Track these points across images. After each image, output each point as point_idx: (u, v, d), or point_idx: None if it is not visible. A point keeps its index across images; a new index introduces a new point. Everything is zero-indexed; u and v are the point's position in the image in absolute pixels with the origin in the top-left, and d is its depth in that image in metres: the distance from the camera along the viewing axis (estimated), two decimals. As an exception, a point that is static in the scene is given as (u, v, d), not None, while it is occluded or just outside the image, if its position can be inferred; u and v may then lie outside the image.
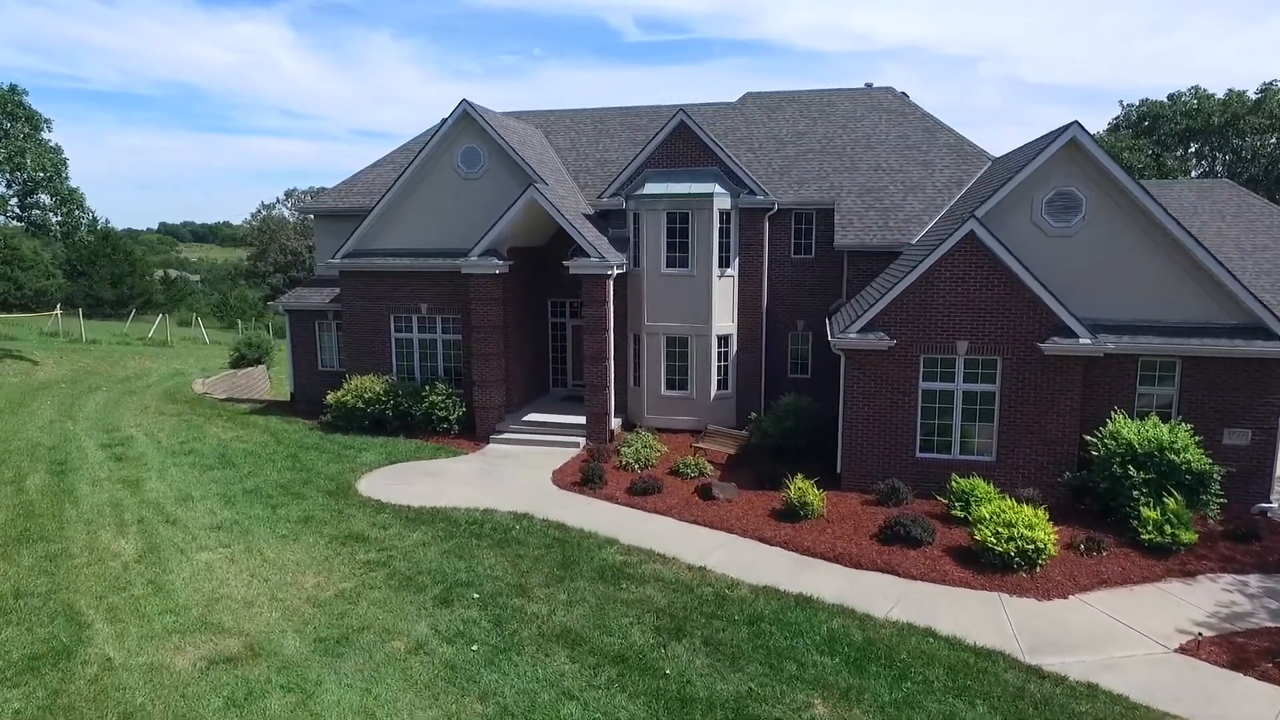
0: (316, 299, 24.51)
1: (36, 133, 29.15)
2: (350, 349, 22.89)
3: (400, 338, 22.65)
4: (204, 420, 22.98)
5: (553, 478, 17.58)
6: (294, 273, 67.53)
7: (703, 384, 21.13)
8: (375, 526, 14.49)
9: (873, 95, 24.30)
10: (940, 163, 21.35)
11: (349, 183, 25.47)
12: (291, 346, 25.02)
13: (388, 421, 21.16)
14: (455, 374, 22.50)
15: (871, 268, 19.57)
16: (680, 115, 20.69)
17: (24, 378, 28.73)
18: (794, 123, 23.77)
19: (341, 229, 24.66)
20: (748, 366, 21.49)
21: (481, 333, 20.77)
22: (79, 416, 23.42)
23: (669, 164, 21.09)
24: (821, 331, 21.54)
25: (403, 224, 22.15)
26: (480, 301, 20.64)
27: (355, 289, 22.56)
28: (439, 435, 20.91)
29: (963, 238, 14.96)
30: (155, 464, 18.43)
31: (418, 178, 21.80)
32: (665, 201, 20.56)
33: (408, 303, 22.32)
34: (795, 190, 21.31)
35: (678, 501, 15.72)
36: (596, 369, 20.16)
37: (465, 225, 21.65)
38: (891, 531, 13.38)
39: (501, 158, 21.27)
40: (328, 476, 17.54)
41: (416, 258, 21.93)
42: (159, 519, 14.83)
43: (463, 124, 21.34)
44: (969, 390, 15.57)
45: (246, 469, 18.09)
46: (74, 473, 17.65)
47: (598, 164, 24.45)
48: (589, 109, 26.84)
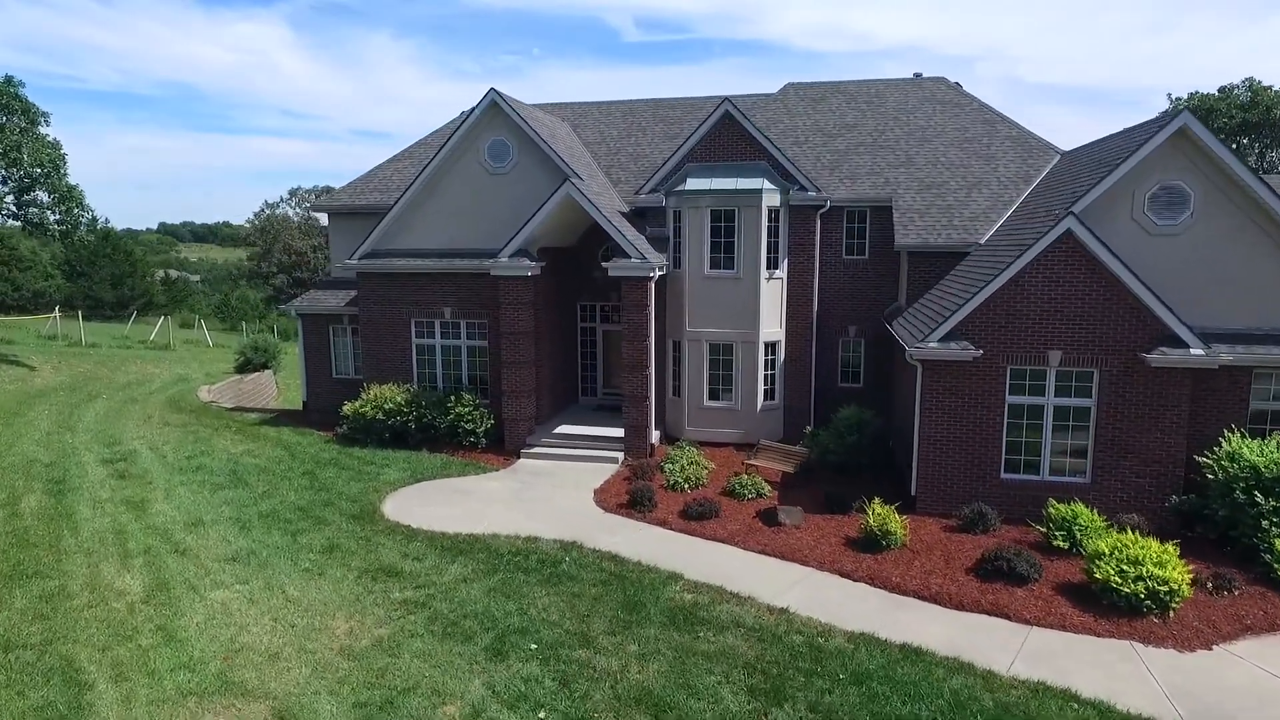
0: (331, 302, 23.04)
1: (34, 126, 27.67)
2: (368, 356, 21.42)
3: (422, 344, 21.20)
4: (211, 432, 21.51)
5: (595, 498, 16.12)
6: (298, 273, 66.08)
7: (748, 394, 19.67)
8: (408, 558, 13.02)
9: (924, 86, 22.85)
10: (1003, 156, 19.90)
11: (365, 179, 24.01)
12: (304, 353, 23.55)
13: (410, 434, 19.70)
14: (481, 383, 21.04)
15: (934, 269, 18.11)
16: (725, 106, 19.24)
17: (20, 385, 27.24)
18: (841, 115, 22.32)
19: (357, 228, 23.22)
20: (796, 376, 20.04)
21: (512, 339, 19.31)
22: (78, 428, 21.94)
23: (712, 158, 19.63)
24: (875, 338, 20.11)
25: (425, 222, 20.70)
26: (510, 306, 19.18)
27: (374, 292, 21.11)
28: (465, 449, 19.45)
29: (1059, 237, 13.51)
30: (161, 482, 16.96)
31: (441, 173, 20.34)
32: (709, 198, 19.10)
33: (430, 306, 20.86)
34: (848, 186, 19.86)
35: (739, 527, 14.26)
36: (636, 378, 18.70)
37: (492, 223, 20.20)
38: (992, 566, 11.92)
39: (532, 151, 19.81)
40: (349, 497, 16.08)
41: (440, 258, 20.47)
42: (167, 548, 13.35)
43: (490, 115, 19.88)
44: (1061, 405, 14.12)
45: (260, 488, 16.62)
46: (73, 493, 16.18)
47: (631, 158, 23.00)
48: (619, 101, 25.41)
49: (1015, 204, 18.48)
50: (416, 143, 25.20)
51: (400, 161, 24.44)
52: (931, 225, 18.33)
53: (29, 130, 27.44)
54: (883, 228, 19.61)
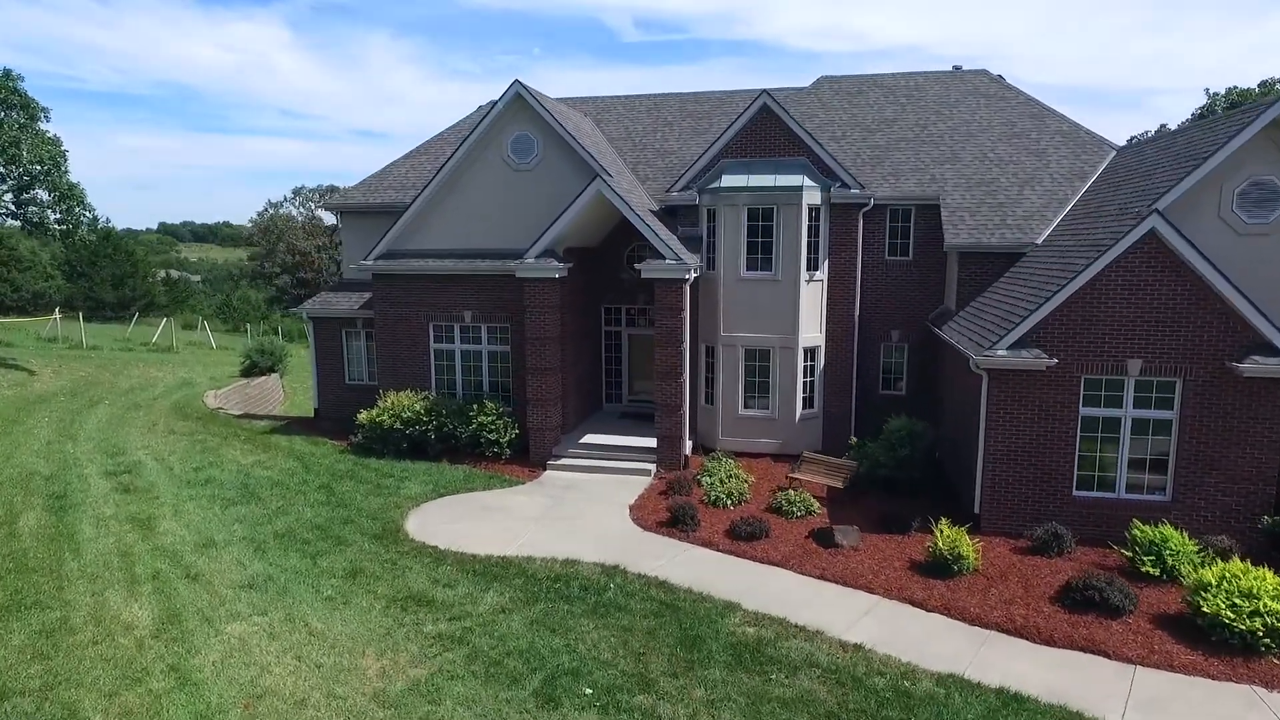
0: (344, 305, 22.04)
1: (33, 122, 26.66)
2: (384, 361, 20.42)
3: (440, 349, 20.19)
4: (219, 441, 20.49)
5: (632, 515, 15.11)
6: (302, 274, 65.07)
7: (786, 402, 18.66)
8: (439, 584, 12.01)
9: (965, 79, 21.84)
10: (1055, 152, 18.89)
11: (379, 176, 23.01)
12: (316, 358, 22.55)
13: (429, 445, 18.70)
14: (503, 390, 20.04)
15: (987, 271, 17.11)
16: (763, 98, 18.23)
17: (19, 390, 26.23)
18: (879, 109, 21.31)
19: (371, 228, 22.21)
20: (836, 383, 19.03)
21: (537, 344, 18.30)
22: (80, 436, 20.93)
23: (749, 153, 18.63)
24: (919, 343, 19.11)
25: (444, 221, 19.69)
26: (536, 309, 18.17)
27: (390, 294, 20.10)
28: (488, 460, 18.44)
29: (1141, 237, 12.51)
30: (168, 497, 15.95)
31: (461, 169, 19.34)
32: (747, 195, 18.10)
33: (450, 310, 19.86)
34: (891, 183, 18.85)
35: (792, 549, 13.25)
36: (670, 386, 17.70)
37: (515, 222, 19.20)
38: (1081, 596, 10.91)
39: (558, 146, 18.80)
40: (369, 514, 15.07)
41: (460, 259, 19.46)
42: (178, 573, 12.35)
43: (514, 108, 18.87)
44: (1140, 417, 13.11)
45: (275, 504, 15.62)
46: (75, 509, 15.17)
47: (657, 154, 21.99)
48: (644, 95, 24.40)
49: (1071, 202, 17.47)
50: (432, 138, 24.19)
51: (416, 158, 23.44)
52: (983, 224, 17.32)
53: (28, 126, 26.42)
54: (928, 227, 18.61)
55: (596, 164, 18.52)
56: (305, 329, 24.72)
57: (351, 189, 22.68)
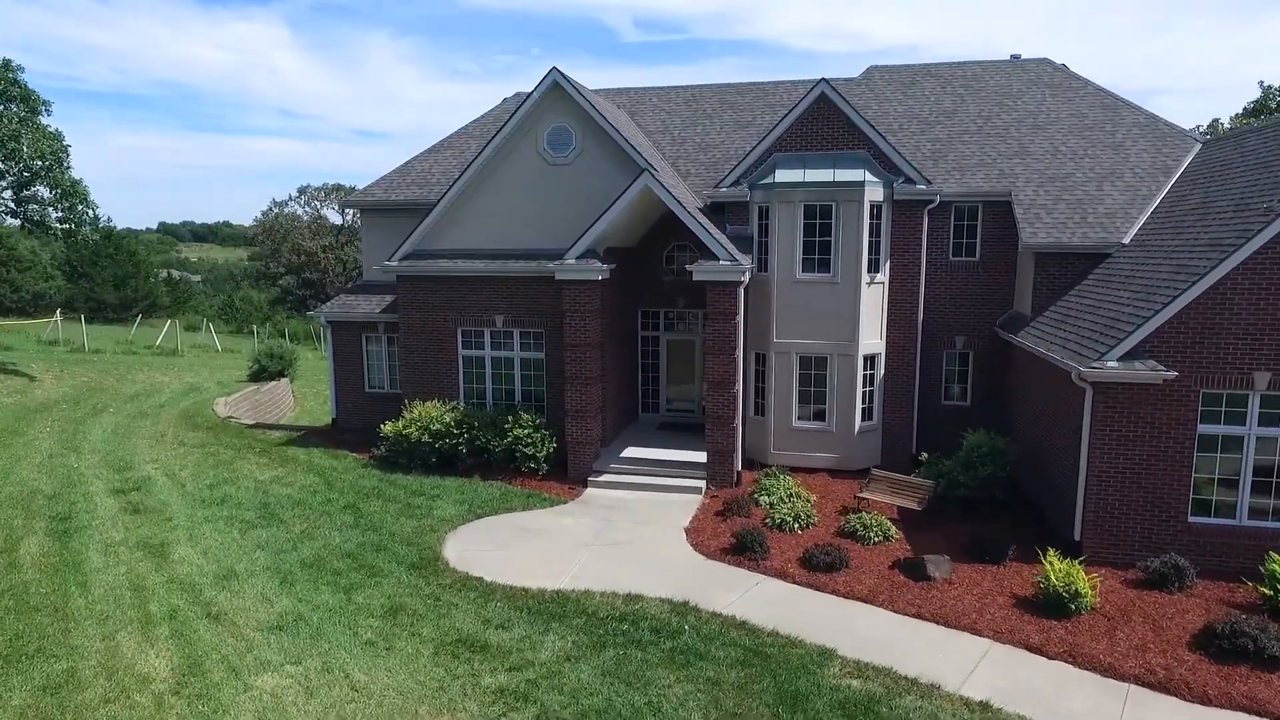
0: (364, 308, 20.74)
1: (34, 115, 25.36)
2: (408, 368, 19.12)
3: (469, 355, 18.89)
4: (233, 454, 19.19)
5: (690, 540, 13.82)
6: (307, 274, 63.74)
7: (845, 414, 17.36)
8: (491, 625, 10.72)
9: (1026, 68, 20.54)
10: (1133, 145, 17.60)
11: (400, 172, 21.71)
12: (334, 364, 21.25)
13: (459, 459, 17.40)
14: (536, 400, 18.73)
15: (1067, 273, 15.81)
16: (821, 86, 16.92)
17: (19, 398, 24.92)
18: (936, 100, 20.02)
19: (393, 226, 20.92)
20: (897, 393, 17.72)
21: (577, 351, 17.00)
22: (84, 448, 19.63)
23: (804, 146, 17.33)
24: (986, 350, 17.81)
25: (474, 219, 18.39)
26: (576, 314, 16.87)
27: (415, 297, 18.80)
28: (523, 477, 17.13)
29: (1274, 238, 11.22)
30: (182, 519, 14.65)
31: (493, 164, 18.03)
32: (804, 191, 16.80)
33: (480, 313, 18.56)
34: (957, 179, 17.55)
35: (878, 581, 11.95)
36: (722, 397, 16.40)
37: (551, 220, 17.91)
38: (1230, 644, 9.60)
39: (597, 139, 17.51)
40: (403, 539, 13.77)
41: (491, 260, 18.16)
42: (197, 611, 11.04)
43: (550, 98, 17.57)
44: (1266, 436, 11.82)
45: (298, 527, 14.32)
46: (81, 533, 13.87)
47: (698, 148, 20.69)
48: (680, 86, 23.09)
49: (1156, 198, 16.18)
50: (455, 132, 22.90)
51: (439, 153, 22.14)
52: (1062, 223, 16.02)
53: (29, 119, 25.13)
54: (997, 225, 17.31)
55: (641, 157, 17.23)
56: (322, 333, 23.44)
57: (372, 185, 21.38)
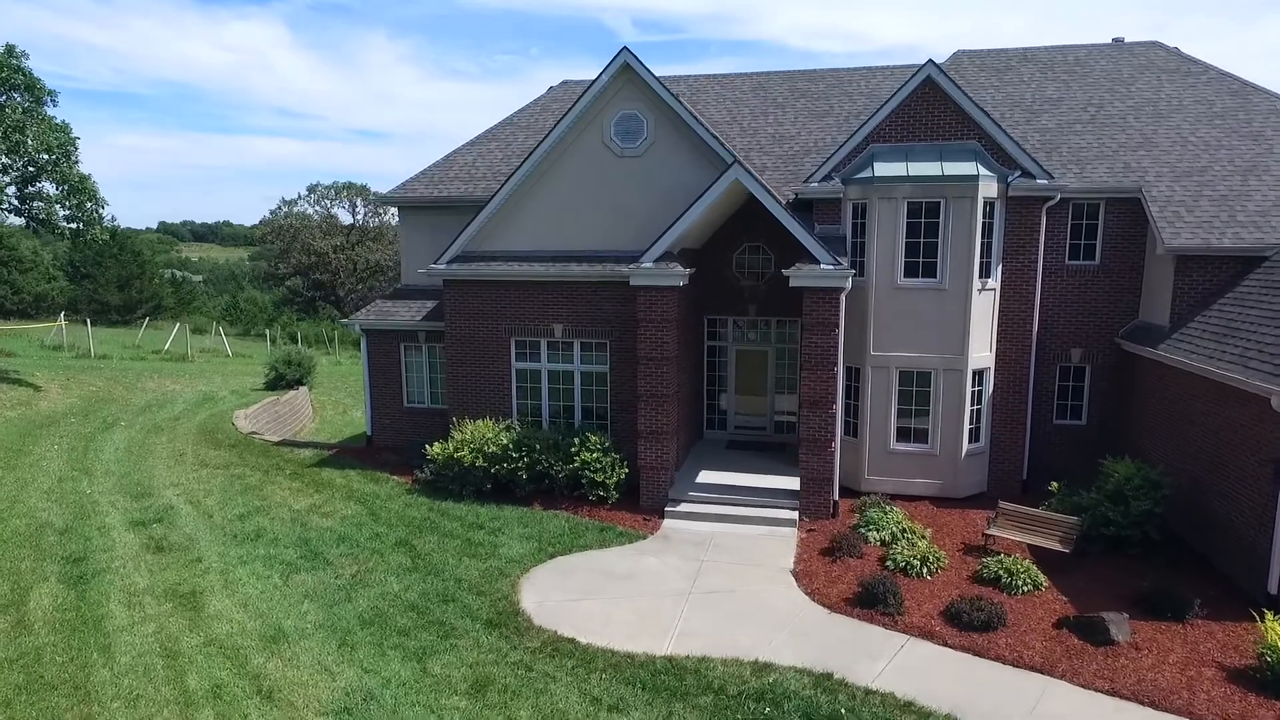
0: (403, 315, 18.89)
1: (39, 106, 23.51)
2: (455, 382, 17.29)
3: (523, 368, 17.07)
4: (261, 477, 17.35)
5: (803, 586, 11.98)
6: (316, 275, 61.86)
7: (950, 435, 15.54)
8: (602, 706, 8.88)
9: (1134, 52, 18.70)
10: (1275, 135, 15.77)
11: (442, 166, 19.87)
12: (370, 376, 19.40)
13: (518, 485, 15.57)
14: (598, 417, 16.91)
15: (1215, 278, 13.97)
16: (928, 69, 15.08)
17: (24, 410, 23.08)
18: (1038, 86, 18.18)
19: (434, 225, 19.12)
20: (1006, 412, 15.89)
21: (652, 366, 15.16)
22: (96, 470, 17.79)
23: (906, 136, 15.50)
24: (1107, 364, 15.98)
25: (529, 218, 16.57)
26: (652, 323, 15.04)
27: (464, 304, 16.97)
28: (590, 506, 15.30)
29: None
30: (213, 559, 12.82)
31: (553, 157, 16.21)
32: (908, 187, 14.96)
33: (536, 322, 16.73)
34: (1075, 172, 15.72)
35: (1048, 645, 10.11)
36: (818, 418, 14.57)
37: (616, 219, 16.12)
38: None
39: (671, 128, 15.69)
40: (471, 585, 11.94)
41: (551, 263, 16.34)
42: (245, 688, 9.21)
43: (620, 82, 15.75)
44: None
45: (348, 569, 12.48)
46: (99, 579, 12.03)
47: (772, 140, 18.86)
48: (745, 73, 21.27)
49: (1312, 194, 14.37)
50: (500, 123, 21.07)
51: (484, 144, 20.31)
52: (1207, 222, 14.19)
53: (33, 110, 23.28)
54: (1121, 224, 15.49)
55: (724, 148, 15.41)
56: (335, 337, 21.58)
57: (412, 181, 19.53)
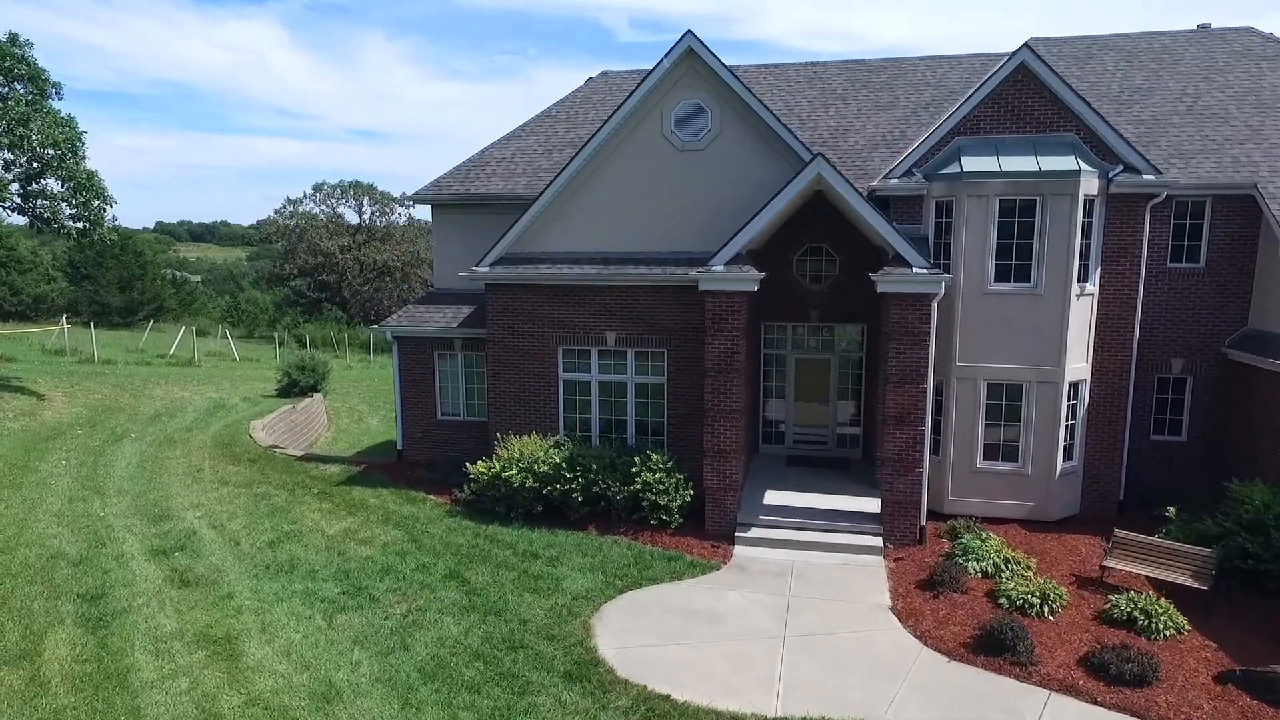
0: (437, 321, 17.60)
1: (43, 99, 22.17)
2: (497, 394, 16.01)
3: (571, 379, 15.80)
4: (287, 496, 16.04)
5: (909, 627, 10.70)
6: (323, 276, 60.46)
7: (1043, 453, 14.28)
8: (720, 785, 7.60)
9: (1226, 38, 17.46)
10: (1394, 126, 14.57)
11: (477, 162, 18.57)
12: (401, 387, 18.09)
13: (571, 508, 14.29)
14: (653, 433, 15.64)
15: (1342, 283, 12.76)
16: (1023, 54, 13.81)
17: (27, 421, 21.73)
18: (1124, 75, 16.93)
19: (470, 224, 17.87)
20: (1102, 427, 14.63)
21: (721, 379, 13.88)
22: (108, 488, 16.48)
23: (996, 128, 14.24)
24: (1212, 375, 14.74)
25: (579, 217, 15.32)
26: (721, 331, 13.76)
27: (508, 310, 15.70)
28: (652, 530, 14.02)
29: None
30: (245, 594, 11.51)
31: (607, 151, 14.96)
32: (1001, 183, 13.71)
33: (586, 329, 15.46)
34: (1179, 167, 14.48)
35: (1215, 704, 8.85)
36: (905, 436, 13.29)
37: (675, 218, 14.90)
38: None
39: (737, 119, 14.44)
40: (539, 628, 10.66)
41: (604, 265, 15.08)
42: (301, 762, 7.92)
43: (682, 68, 14.49)
44: None
45: (398, 606, 11.19)
46: (121, 621, 10.72)
47: (834, 134, 17.59)
48: (800, 63, 20.01)
49: None
50: (538, 115, 19.78)
51: (521, 139, 19.02)
52: (1334, 220, 12.96)
53: (38, 103, 21.93)
54: (1230, 223, 14.26)
55: (798, 141, 14.17)
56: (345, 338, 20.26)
57: (445, 177, 18.23)
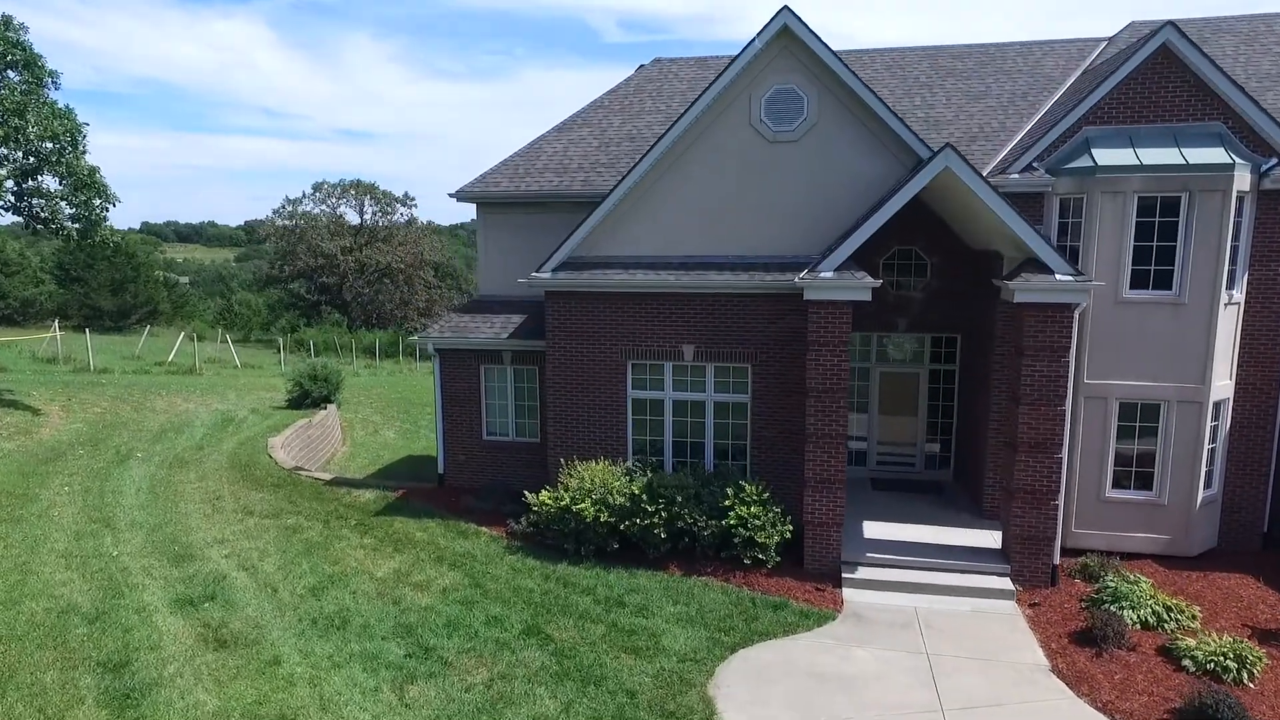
0: (484, 332, 15.90)
1: (40, 88, 20.32)
2: (558, 414, 14.35)
3: (641, 397, 14.16)
4: (322, 528, 14.31)
5: (1085, 696, 9.12)
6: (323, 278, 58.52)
7: (1182, 480, 12.74)
8: None
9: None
10: None
11: (526, 156, 16.89)
12: (443, 404, 16.39)
13: (651, 545, 12.64)
14: (735, 457, 14.02)
15: None
16: (1166, 32, 12.24)
17: (24, 440, 19.87)
18: (1247, 60, 15.43)
19: (519, 224, 16.26)
20: (1244, 451, 13.11)
21: (825, 399, 12.25)
22: (118, 520, 14.70)
23: (1130, 117, 12.67)
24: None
25: (652, 217, 13.71)
26: (826, 346, 12.13)
27: (571, 320, 14.05)
28: (744, 570, 12.36)
29: None
30: (295, 659, 9.81)
31: (685, 143, 13.33)
32: (1141, 179, 12.16)
33: (660, 343, 13.82)
34: (1331, 160, 12.96)
35: None
36: (1040, 464, 11.71)
37: (764, 217, 13.34)
38: None
39: (838, 105, 12.85)
40: (649, 700, 9.02)
41: (683, 271, 13.45)
42: None
43: (776, 48, 12.88)
44: None
45: (476, 672, 9.52)
46: (150, 698, 8.99)
47: (924, 125, 15.99)
48: (877, 49, 18.41)
49: None
50: (589, 105, 18.12)
51: (573, 130, 17.36)
52: None
53: (34, 92, 20.08)
54: (1391, 224, 12.75)
55: (909, 131, 12.58)
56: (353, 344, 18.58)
57: (492, 173, 16.54)
